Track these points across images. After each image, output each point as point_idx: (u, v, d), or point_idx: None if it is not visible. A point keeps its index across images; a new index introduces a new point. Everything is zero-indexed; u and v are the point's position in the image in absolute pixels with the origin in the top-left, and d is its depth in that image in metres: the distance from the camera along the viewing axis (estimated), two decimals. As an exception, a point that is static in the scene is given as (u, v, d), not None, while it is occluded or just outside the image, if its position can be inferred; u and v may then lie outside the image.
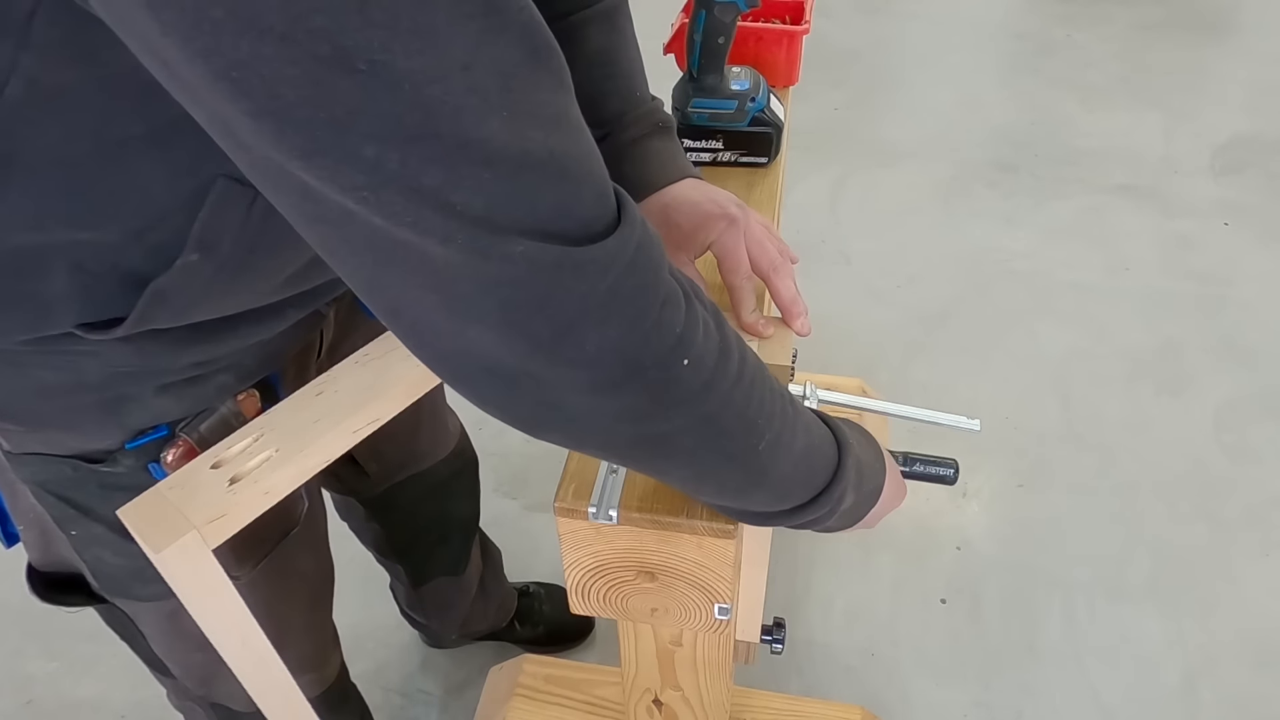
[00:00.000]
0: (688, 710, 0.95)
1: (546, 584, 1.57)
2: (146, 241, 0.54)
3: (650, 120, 0.80)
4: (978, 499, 1.76)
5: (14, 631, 1.59)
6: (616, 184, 0.43)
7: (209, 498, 0.63)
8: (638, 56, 0.83)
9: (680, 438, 0.48)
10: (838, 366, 1.99)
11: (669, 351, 0.43)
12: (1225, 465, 1.81)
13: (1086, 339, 2.09)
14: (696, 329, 0.45)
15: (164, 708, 1.02)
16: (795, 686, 1.48)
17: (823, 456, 0.59)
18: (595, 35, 0.79)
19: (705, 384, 0.46)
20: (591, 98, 0.79)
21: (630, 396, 0.44)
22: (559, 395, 0.43)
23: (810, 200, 2.55)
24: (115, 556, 0.73)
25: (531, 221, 0.38)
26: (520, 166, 0.37)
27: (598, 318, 0.40)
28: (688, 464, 0.51)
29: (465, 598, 1.35)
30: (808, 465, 0.58)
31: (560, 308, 0.39)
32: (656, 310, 0.43)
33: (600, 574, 0.70)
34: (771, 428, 0.52)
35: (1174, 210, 2.48)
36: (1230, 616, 1.56)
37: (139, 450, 0.67)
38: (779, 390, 0.54)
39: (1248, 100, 2.95)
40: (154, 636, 0.82)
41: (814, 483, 0.59)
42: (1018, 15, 3.52)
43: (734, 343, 0.49)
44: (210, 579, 0.65)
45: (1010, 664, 1.51)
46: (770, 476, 0.55)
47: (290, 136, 0.34)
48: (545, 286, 0.39)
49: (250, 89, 0.32)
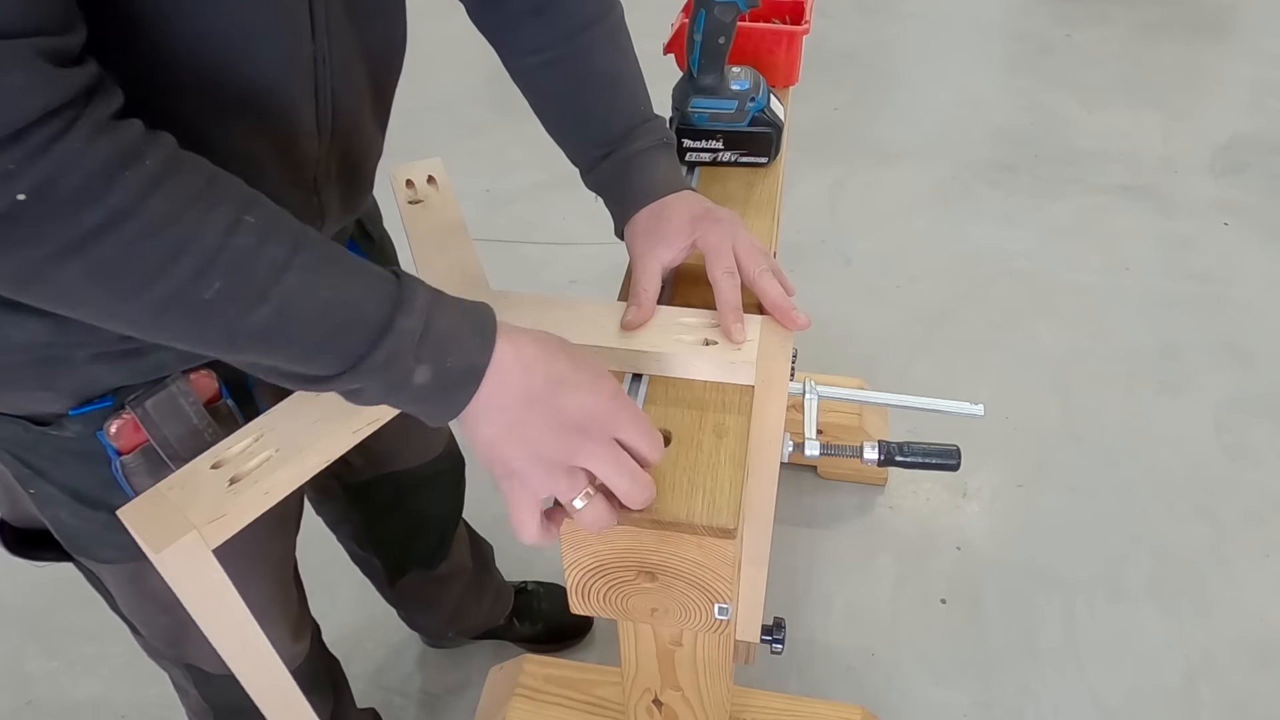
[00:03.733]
0: (688, 710, 0.95)
1: (545, 583, 1.57)
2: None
3: (655, 135, 0.83)
4: (978, 499, 1.76)
5: (14, 631, 1.59)
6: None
7: (209, 498, 0.63)
8: (639, 72, 0.85)
9: (56, 263, 0.46)
10: (838, 366, 1.99)
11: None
12: (1225, 465, 1.81)
13: (1086, 339, 2.09)
14: (43, 163, 0.44)
15: (164, 707, 1.02)
16: (795, 686, 1.48)
17: (359, 316, 0.54)
18: (602, 55, 0.81)
19: (69, 216, 0.45)
20: (603, 117, 0.82)
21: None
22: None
23: (810, 200, 2.55)
24: (71, 518, 0.74)
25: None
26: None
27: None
28: (80, 299, 0.49)
29: (448, 594, 1.35)
30: (329, 324, 0.53)
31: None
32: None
33: (600, 574, 0.70)
34: (217, 272, 0.49)
35: (1174, 210, 2.48)
36: (1230, 616, 1.56)
37: (84, 418, 0.68)
38: (260, 232, 0.51)
39: (1248, 100, 2.95)
40: (119, 597, 0.83)
41: (345, 346, 0.54)
42: (1018, 15, 3.52)
43: (145, 172, 0.47)
44: (210, 579, 0.65)
45: (1010, 664, 1.51)
46: (239, 328, 0.51)
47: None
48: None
49: None
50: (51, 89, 0.44)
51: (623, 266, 0.90)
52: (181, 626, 0.83)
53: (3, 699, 1.50)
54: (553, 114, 0.85)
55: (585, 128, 0.83)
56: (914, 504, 1.75)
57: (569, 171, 0.86)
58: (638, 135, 0.82)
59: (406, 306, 0.55)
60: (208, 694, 0.95)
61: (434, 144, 2.77)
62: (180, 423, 0.69)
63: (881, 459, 0.96)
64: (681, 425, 0.71)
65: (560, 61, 0.81)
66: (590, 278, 2.24)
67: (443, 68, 3.15)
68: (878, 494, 1.77)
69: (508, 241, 2.40)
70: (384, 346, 0.54)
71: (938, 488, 1.78)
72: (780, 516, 1.02)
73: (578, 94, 0.82)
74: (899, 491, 1.77)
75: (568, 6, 0.79)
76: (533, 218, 2.45)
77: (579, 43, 0.80)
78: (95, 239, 0.46)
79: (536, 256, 2.35)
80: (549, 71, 0.82)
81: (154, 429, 0.68)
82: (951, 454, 0.94)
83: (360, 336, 0.54)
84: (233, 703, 0.91)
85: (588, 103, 0.82)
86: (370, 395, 0.57)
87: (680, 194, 0.81)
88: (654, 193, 0.80)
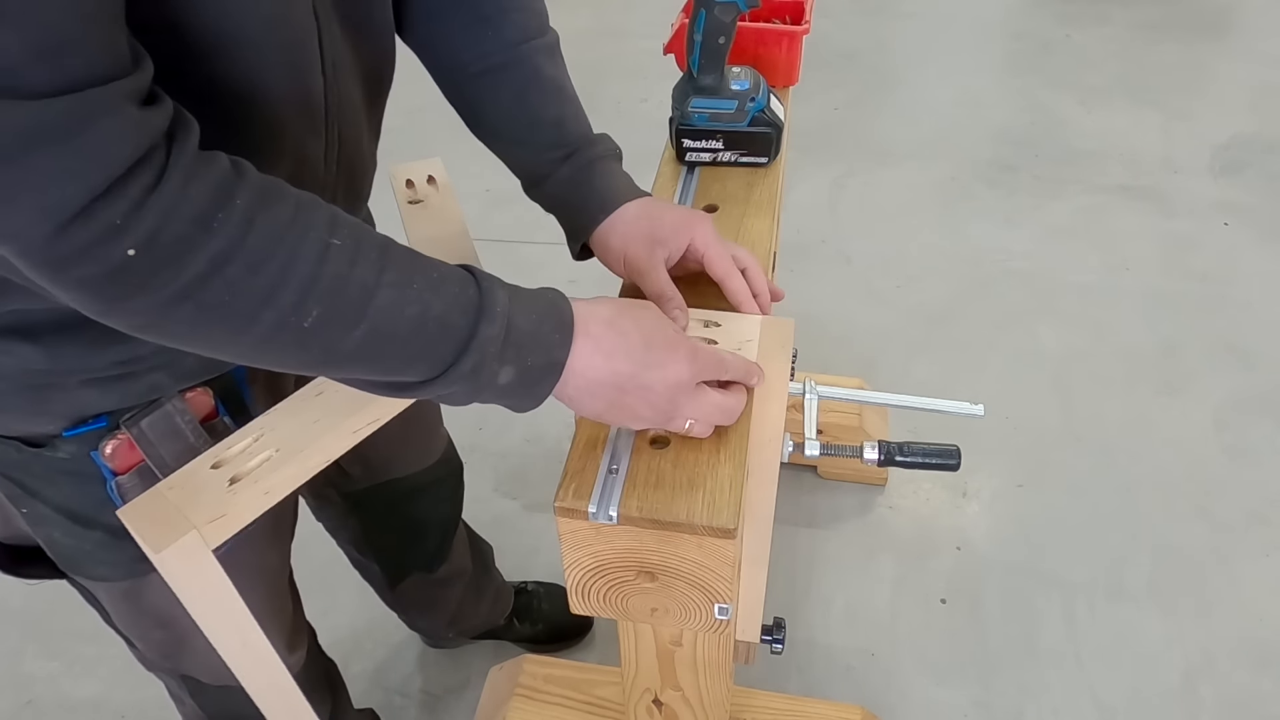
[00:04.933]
0: (688, 710, 0.95)
1: (545, 583, 1.57)
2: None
3: (607, 146, 0.84)
4: (978, 499, 1.76)
5: (14, 631, 1.59)
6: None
7: (209, 498, 0.63)
8: (576, 94, 0.86)
9: (171, 309, 0.48)
10: (838, 366, 1.99)
11: (98, 226, 0.44)
12: (1225, 465, 1.81)
13: (1086, 339, 2.09)
14: (151, 208, 0.45)
15: (163, 708, 1.02)
16: (795, 686, 1.48)
17: (445, 328, 0.56)
18: (548, 65, 0.82)
19: (174, 256, 0.46)
20: (555, 119, 0.82)
21: (78, 268, 0.45)
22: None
23: (810, 200, 2.55)
24: (65, 536, 0.74)
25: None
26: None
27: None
28: (197, 336, 0.51)
29: (448, 596, 1.35)
30: (420, 339, 0.56)
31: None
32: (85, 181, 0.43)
33: (600, 574, 0.70)
34: (315, 300, 0.51)
35: (1174, 210, 2.48)
36: (1230, 616, 1.56)
37: (78, 439, 0.68)
38: (354, 256, 0.53)
39: (1248, 100, 2.95)
40: (114, 613, 0.83)
41: (434, 356, 0.56)
42: (1018, 15, 3.52)
43: (238, 212, 0.48)
44: (211, 579, 0.65)
45: (1010, 664, 1.51)
46: (337, 349, 0.54)
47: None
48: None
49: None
50: (140, 133, 0.45)
51: (623, 266, 0.90)
52: (177, 640, 0.83)
53: (3, 699, 1.50)
54: (497, 122, 0.83)
55: (535, 132, 0.82)
56: (914, 504, 1.75)
57: (569, 171, 0.86)
58: (595, 142, 0.82)
59: (489, 314, 0.57)
60: (204, 704, 0.95)
61: (434, 144, 2.76)
62: (176, 441, 0.69)
63: (881, 459, 0.96)
64: (681, 425, 0.70)
65: (506, 67, 0.81)
66: (590, 278, 2.23)
67: (443, 68, 3.15)
68: (878, 494, 1.77)
69: (508, 241, 2.40)
70: (470, 355, 0.57)
71: (938, 488, 1.77)
72: (780, 516, 1.02)
73: (526, 98, 0.81)
74: (899, 491, 1.77)
75: (513, 18, 0.80)
76: (533, 218, 2.42)
77: (524, 51, 0.81)
78: (201, 285, 0.48)
79: (536, 257, 2.34)
80: (494, 77, 0.81)
81: (150, 448, 0.68)
82: (951, 454, 0.93)
83: (447, 347, 0.56)
84: (228, 712, 0.91)
85: (537, 107, 0.82)
86: (458, 397, 0.60)
87: (651, 198, 0.82)
88: (621, 197, 0.80)
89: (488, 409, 0.65)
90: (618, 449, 0.69)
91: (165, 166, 0.46)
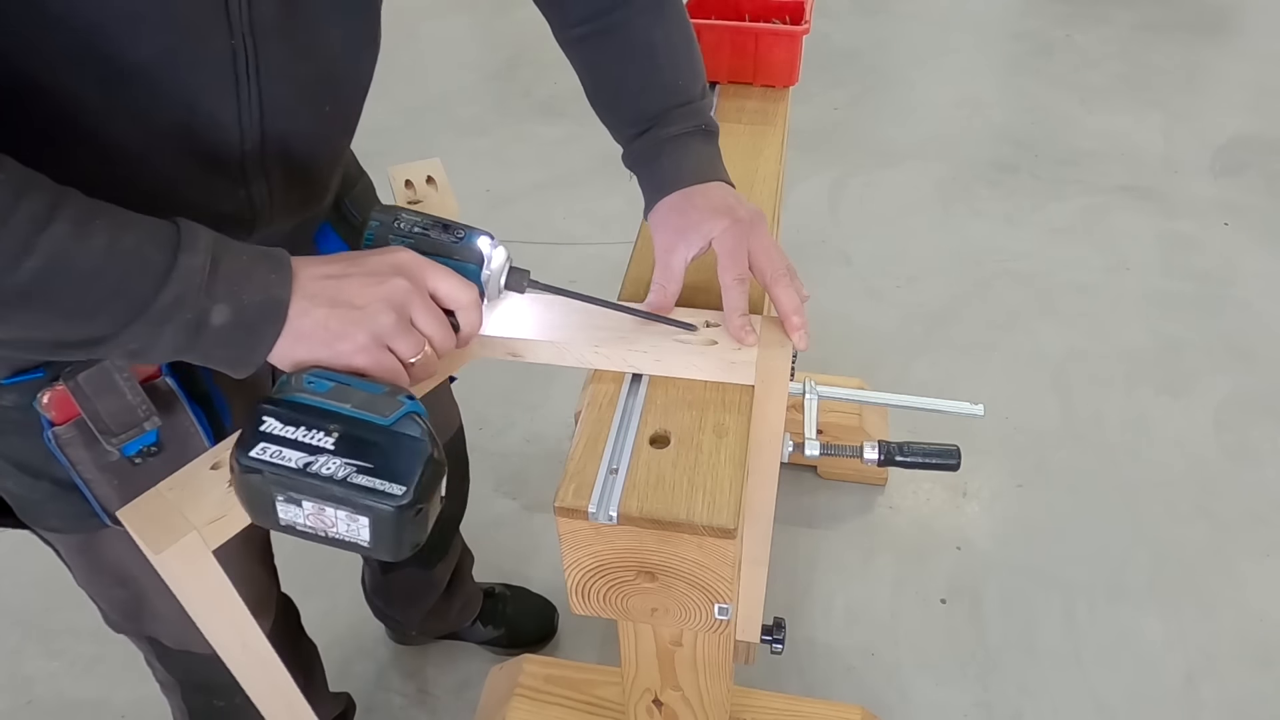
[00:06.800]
0: (688, 710, 0.95)
1: (514, 586, 1.57)
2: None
3: (694, 120, 0.80)
4: (978, 499, 1.76)
5: (14, 631, 1.59)
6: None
7: (209, 499, 0.63)
8: (687, 47, 0.82)
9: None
10: (838, 366, 1.99)
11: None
12: (1225, 465, 1.81)
13: (1086, 339, 2.09)
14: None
15: (163, 706, 1.02)
16: (795, 686, 1.48)
17: (140, 260, 0.52)
18: (644, 28, 0.79)
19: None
20: (636, 92, 0.80)
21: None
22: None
23: (810, 200, 2.55)
24: (17, 486, 0.74)
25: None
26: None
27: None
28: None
29: (432, 592, 1.35)
30: (110, 274, 0.52)
31: None
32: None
33: (600, 574, 0.70)
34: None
35: (1174, 210, 2.48)
36: (1230, 616, 1.56)
37: (19, 387, 0.67)
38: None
39: (1248, 100, 2.95)
40: (74, 568, 0.83)
41: (129, 293, 0.52)
42: (1018, 15, 3.52)
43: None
44: (211, 581, 0.65)
45: (1010, 664, 1.51)
46: (4, 286, 0.50)
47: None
48: None
49: None
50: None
51: (622, 267, 0.90)
52: (136, 599, 0.83)
53: (3, 699, 1.50)
54: (592, 88, 0.84)
55: (620, 102, 0.82)
56: (914, 504, 1.75)
57: (569, 171, 0.86)
58: (674, 118, 0.80)
59: (189, 245, 0.54)
60: (170, 667, 0.95)
61: (434, 144, 2.77)
62: (114, 398, 0.68)
63: (881, 459, 0.96)
64: (681, 425, 0.71)
65: (602, 33, 0.80)
66: (589, 278, 2.23)
67: (443, 68, 3.16)
68: (878, 494, 1.77)
69: (507, 241, 2.39)
70: (170, 287, 0.53)
71: (938, 488, 1.78)
72: (780, 516, 1.02)
73: (615, 67, 0.81)
74: (899, 491, 1.77)
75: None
76: (533, 218, 2.44)
77: (621, 15, 0.79)
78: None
79: (536, 256, 2.34)
80: (590, 44, 0.81)
81: (86, 402, 0.67)
82: (951, 454, 0.94)
83: (144, 279, 0.52)
84: (194, 677, 0.91)
85: (624, 77, 0.81)
86: (161, 349, 0.55)
87: (708, 185, 0.78)
88: (681, 181, 0.78)
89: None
90: (618, 449, 0.69)
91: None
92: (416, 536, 0.57)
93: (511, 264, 0.70)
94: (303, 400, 0.56)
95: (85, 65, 0.56)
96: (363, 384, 0.58)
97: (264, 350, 0.57)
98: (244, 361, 0.58)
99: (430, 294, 0.62)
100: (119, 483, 0.71)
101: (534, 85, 3.06)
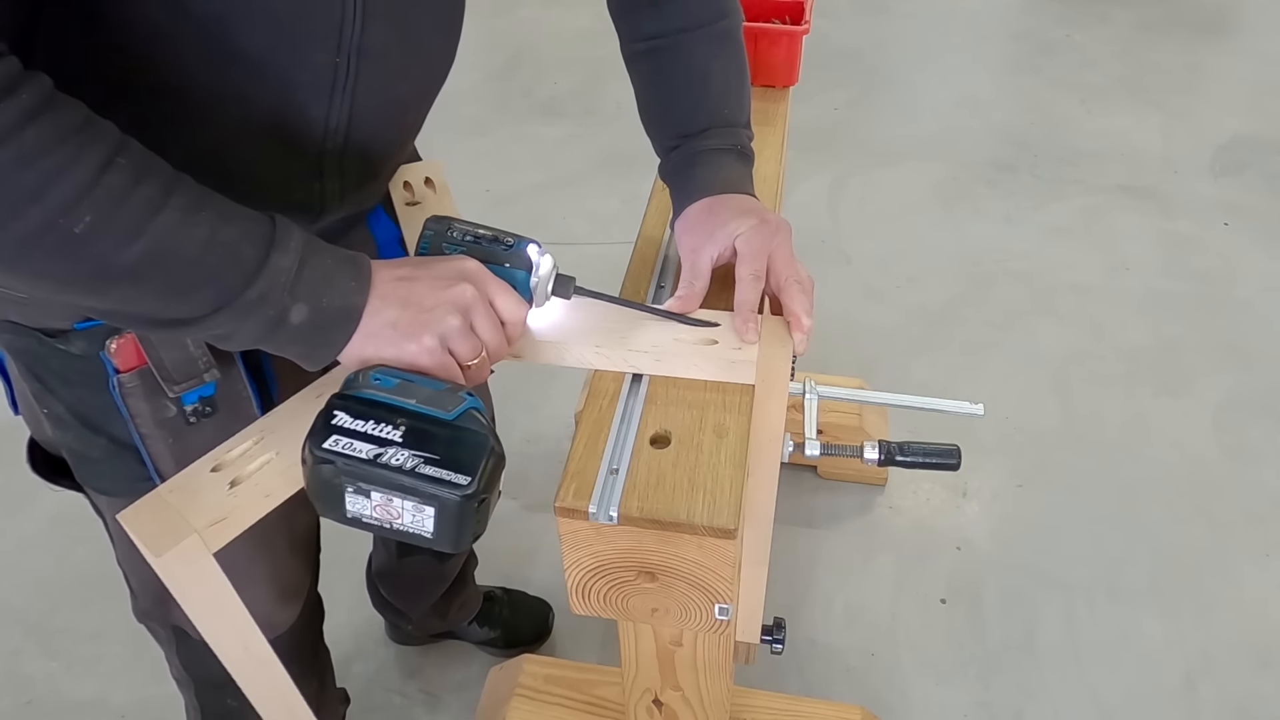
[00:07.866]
0: (688, 710, 0.95)
1: (512, 590, 1.58)
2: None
3: (731, 140, 0.84)
4: (978, 499, 1.76)
5: (14, 631, 1.59)
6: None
7: (210, 501, 0.63)
8: (739, 81, 0.86)
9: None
10: (838, 366, 1.99)
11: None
12: (1225, 465, 1.81)
13: (1086, 339, 2.09)
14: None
15: (163, 707, 1.02)
16: (795, 686, 1.48)
17: (235, 255, 0.55)
18: (701, 54, 0.84)
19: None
20: (685, 110, 0.84)
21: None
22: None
23: (810, 200, 2.55)
24: (76, 442, 0.76)
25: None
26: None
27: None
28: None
29: (439, 585, 1.35)
30: (207, 263, 0.55)
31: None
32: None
33: (600, 574, 0.70)
34: (90, 207, 0.50)
35: (1174, 210, 2.48)
36: (1230, 616, 1.56)
37: (88, 333, 0.69)
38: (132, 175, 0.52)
39: (1248, 100, 2.95)
40: (116, 537, 0.84)
41: (220, 283, 0.55)
42: (1018, 15, 3.52)
43: (18, 105, 0.48)
44: (212, 583, 0.65)
45: (1010, 664, 1.51)
46: (112, 264, 0.52)
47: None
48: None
49: None
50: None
51: (622, 267, 0.90)
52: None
53: (3, 699, 1.50)
54: (644, 101, 0.87)
55: (667, 118, 0.85)
56: (914, 504, 1.75)
57: (569, 171, 0.87)
58: (713, 135, 0.83)
59: (282, 246, 0.57)
60: (187, 659, 0.95)
61: (434, 144, 2.76)
62: (178, 349, 0.70)
63: (881, 459, 0.96)
64: (681, 425, 0.71)
65: (661, 51, 0.84)
66: (590, 278, 2.23)
67: (442, 68, 3.15)
68: (878, 494, 1.77)
69: (508, 241, 2.40)
70: (258, 284, 0.56)
71: (938, 488, 1.78)
72: (780, 516, 1.02)
73: (668, 85, 0.85)
74: (899, 491, 1.77)
75: (682, 4, 0.83)
76: (533, 218, 2.44)
77: (683, 39, 0.83)
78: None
79: (536, 256, 2.34)
80: (650, 60, 0.85)
81: (151, 351, 0.69)
82: (951, 454, 0.94)
83: (235, 274, 0.56)
84: (211, 676, 0.91)
85: (674, 95, 0.85)
86: (244, 337, 0.58)
87: (738, 195, 0.81)
88: (711, 189, 0.81)
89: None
90: (618, 449, 0.69)
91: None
92: (478, 527, 0.60)
93: (558, 271, 0.74)
94: (370, 396, 0.60)
95: (198, 47, 0.59)
96: (425, 381, 0.61)
97: (336, 349, 0.62)
98: (315, 358, 0.62)
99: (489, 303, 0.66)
100: (173, 440, 0.73)
101: (534, 85, 3.06)
